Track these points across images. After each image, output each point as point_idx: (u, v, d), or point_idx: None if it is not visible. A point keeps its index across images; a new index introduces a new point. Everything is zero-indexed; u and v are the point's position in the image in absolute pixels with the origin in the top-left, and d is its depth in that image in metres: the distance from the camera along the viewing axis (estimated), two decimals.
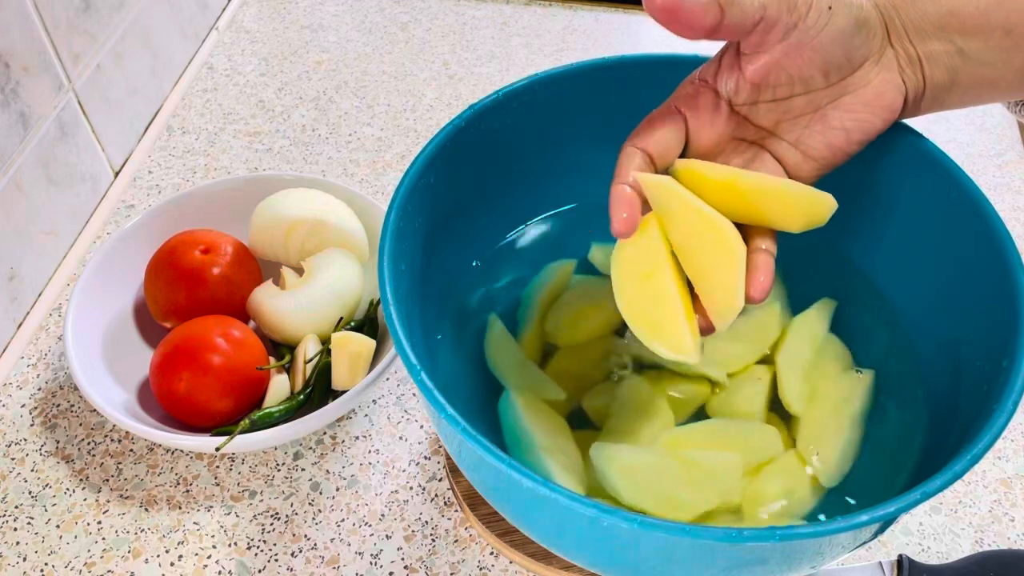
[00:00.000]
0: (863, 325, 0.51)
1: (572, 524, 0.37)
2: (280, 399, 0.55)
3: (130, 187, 0.75)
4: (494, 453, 0.34)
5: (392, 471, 0.56)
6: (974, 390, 0.41)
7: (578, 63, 0.50)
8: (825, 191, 0.42)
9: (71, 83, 0.67)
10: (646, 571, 0.39)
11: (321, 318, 0.58)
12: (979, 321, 0.43)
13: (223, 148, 0.79)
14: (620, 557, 0.38)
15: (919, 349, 0.48)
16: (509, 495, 0.39)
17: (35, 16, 0.62)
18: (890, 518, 0.34)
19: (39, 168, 0.64)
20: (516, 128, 0.51)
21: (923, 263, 0.48)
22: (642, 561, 0.38)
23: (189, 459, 0.57)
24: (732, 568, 0.37)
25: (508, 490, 0.39)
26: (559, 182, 0.55)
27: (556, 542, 0.41)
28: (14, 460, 0.57)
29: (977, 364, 0.42)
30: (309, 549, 0.52)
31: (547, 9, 0.96)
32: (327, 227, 0.61)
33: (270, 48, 0.90)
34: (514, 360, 0.50)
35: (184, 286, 0.57)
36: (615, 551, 0.38)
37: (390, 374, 0.61)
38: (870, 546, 0.52)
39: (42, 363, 0.62)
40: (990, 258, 0.42)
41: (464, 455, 0.40)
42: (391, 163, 0.78)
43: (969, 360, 0.43)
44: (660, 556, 0.37)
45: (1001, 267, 0.41)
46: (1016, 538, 0.53)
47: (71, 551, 0.52)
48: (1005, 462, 0.57)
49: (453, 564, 0.52)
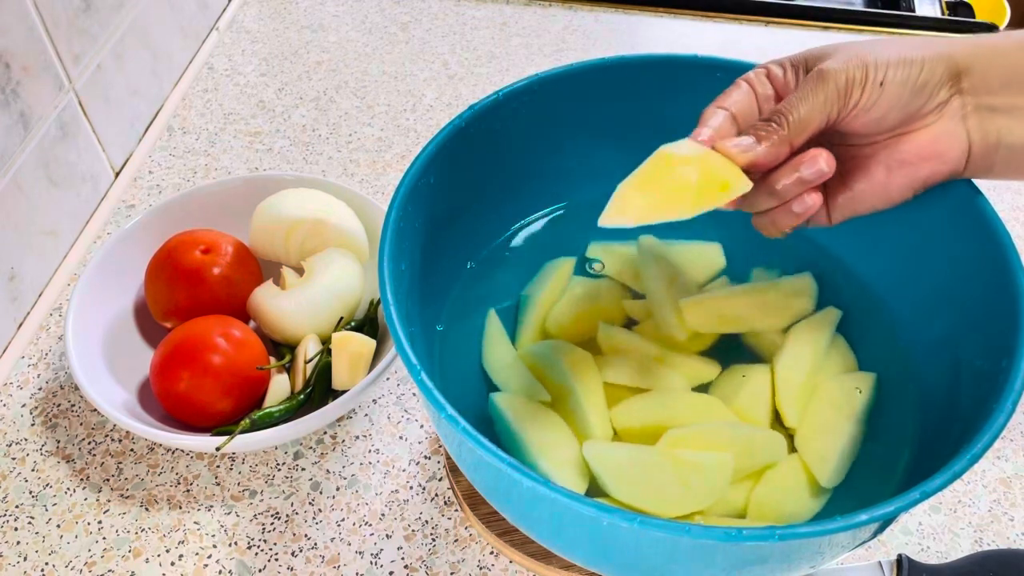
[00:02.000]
0: (862, 328, 0.51)
1: (572, 523, 0.37)
2: (280, 399, 0.55)
3: (130, 187, 0.75)
4: (494, 452, 0.34)
5: (392, 471, 0.56)
6: (973, 390, 0.41)
7: (577, 63, 0.51)
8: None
9: (71, 83, 0.67)
10: (646, 570, 0.39)
11: (321, 318, 0.58)
12: (978, 321, 0.43)
13: (223, 148, 0.79)
14: (620, 556, 0.38)
15: (918, 350, 0.48)
16: (509, 495, 0.40)
17: (35, 16, 0.62)
18: (889, 517, 0.34)
19: (40, 168, 0.64)
20: (515, 128, 0.51)
21: (921, 265, 0.48)
22: (642, 560, 0.38)
23: (189, 459, 0.57)
24: (732, 568, 0.37)
25: (508, 490, 0.39)
26: (557, 181, 0.55)
27: (556, 541, 0.41)
28: (15, 460, 0.57)
29: (976, 364, 0.42)
30: (309, 549, 0.53)
31: (547, 9, 0.96)
32: (327, 227, 0.61)
33: (270, 48, 0.90)
34: (506, 360, 0.50)
35: (184, 286, 0.57)
36: (616, 550, 0.38)
37: (390, 374, 0.61)
38: (869, 546, 0.52)
39: (43, 363, 0.62)
40: (989, 258, 0.42)
41: (464, 455, 0.40)
42: (391, 163, 0.78)
43: (968, 360, 0.43)
44: (661, 555, 0.37)
45: (1000, 267, 0.42)
46: (1016, 538, 0.53)
47: (72, 551, 0.52)
48: (1005, 462, 0.57)
49: (453, 564, 0.52)
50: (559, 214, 0.57)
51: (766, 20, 0.95)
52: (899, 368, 0.49)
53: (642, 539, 0.35)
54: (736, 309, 0.51)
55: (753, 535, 0.32)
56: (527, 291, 0.54)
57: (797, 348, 0.49)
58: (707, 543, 0.33)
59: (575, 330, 0.52)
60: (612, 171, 0.47)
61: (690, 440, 0.45)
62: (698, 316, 0.51)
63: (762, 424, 0.47)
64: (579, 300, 0.53)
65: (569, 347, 0.50)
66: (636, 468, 0.44)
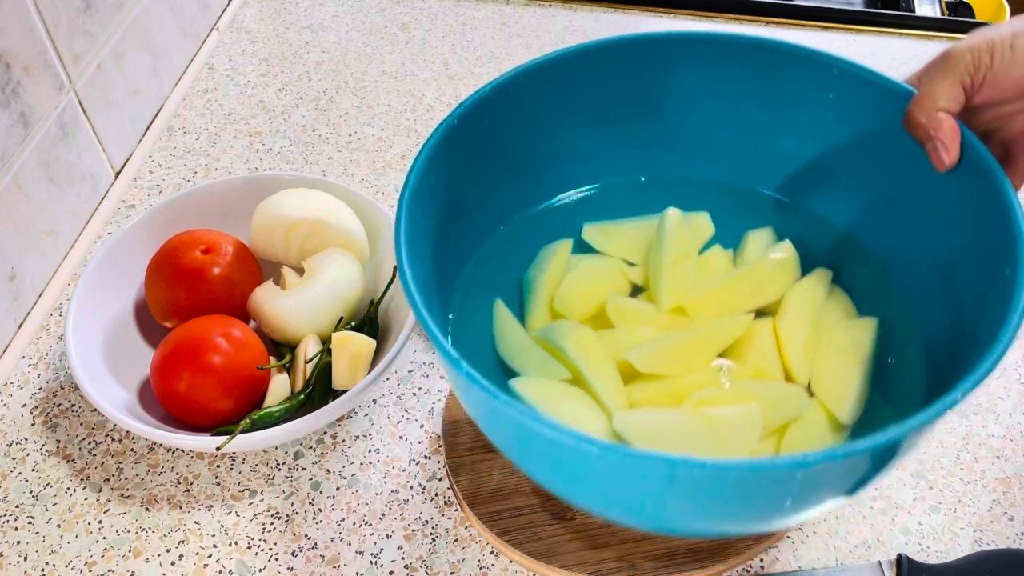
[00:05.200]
0: (856, 279, 0.53)
1: (634, 478, 0.38)
2: (280, 399, 0.55)
3: (131, 187, 0.75)
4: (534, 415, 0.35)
5: (392, 470, 0.56)
6: (976, 313, 0.43)
7: (554, 52, 0.52)
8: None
9: (72, 83, 0.67)
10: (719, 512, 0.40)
11: (321, 318, 0.58)
12: (971, 243, 0.45)
13: (224, 148, 0.79)
14: (687, 503, 0.39)
15: (915, 288, 0.50)
16: (550, 456, 0.40)
17: (36, 16, 0.62)
18: (922, 426, 0.35)
19: (40, 168, 0.64)
20: (506, 121, 0.52)
21: (904, 201, 0.50)
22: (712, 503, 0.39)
23: (190, 458, 0.57)
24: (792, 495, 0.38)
25: (552, 449, 0.39)
26: (551, 171, 0.56)
27: (601, 497, 0.42)
28: (15, 460, 0.57)
29: (975, 286, 0.44)
30: (309, 548, 0.53)
31: (547, 9, 0.96)
32: (327, 227, 0.61)
33: (270, 48, 0.90)
34: (520, 344, 0.51)
35: (185, 286, 0.58)
36: (683, 498, 0.39)
37: (390, 374, 0.62)
38: (869, 546, 0.53)
39: (43, 363, 0.62)
40: (973, 174, 0.44)
41: (495, 419, 0.41)
42: (391, 163, 0.78)
43: (967, 283, 0.45)
44: (734, 493, 0.38)
45: (986, 180, 0.43)
46: (1015, 538, 0.53)
47: (72, 550, 0.52)
48: (1005, 462, 0.57)
49: (453, 563, 0.52)
50: (554, 203, 0.57)
51: (766, 20, 0.95)
52: (900, 308, 0.50)
53: (711, 481, 0.36)
54: (729, 296, 0.52)
55: (820, 456, 0.33)
56: (529, 275, 0.54)
57: (796, 306, 0.51)
58: (779, 472, 0.34)
59: (583, 305, 0.52)
60: (603, 155, 0.48)
61: (715, 400, 0.47)
62: (695, 306, 0.52)
63: (778, 380, 0.49)
64: (582, 276, 0.53)
65: (577, 327, 0.51)
66: (669, 431, 0.45)
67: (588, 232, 0.56)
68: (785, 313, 0.51)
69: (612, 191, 0.57)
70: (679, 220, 0.54)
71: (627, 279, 0.54)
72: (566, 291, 0.53)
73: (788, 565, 0.52)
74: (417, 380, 0.61)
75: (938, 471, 0.56)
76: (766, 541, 0.52)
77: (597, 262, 0.55)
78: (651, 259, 0.54)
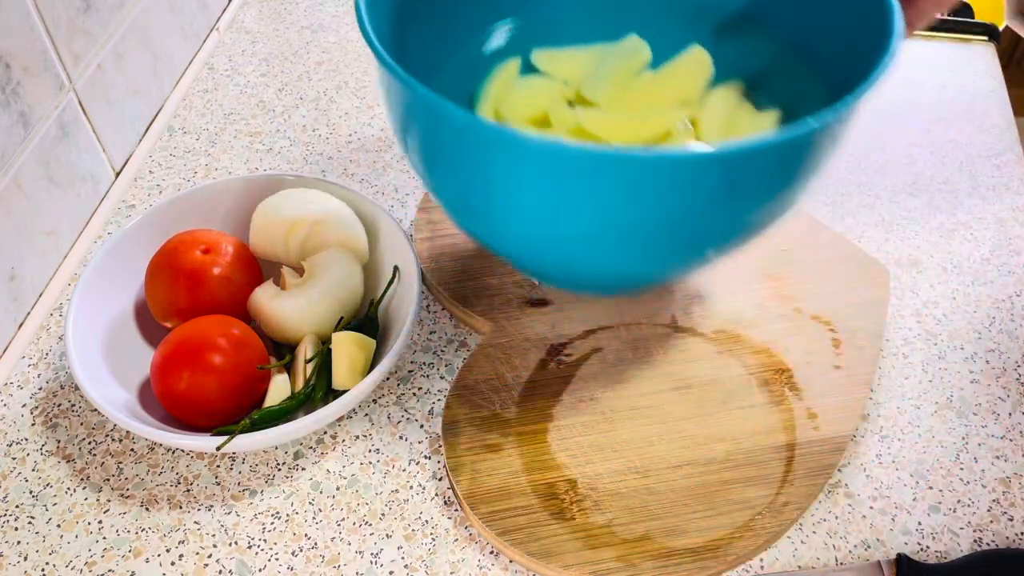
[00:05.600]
0: (774, 83, 0.59)
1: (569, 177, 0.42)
2: (280, 399, 0.55)
3: (131, 187, 0.75)
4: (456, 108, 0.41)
5: (392, 470, 0.56)
6: (864, 45, 0.47)
7: None
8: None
9: (72, 83, 0.67)
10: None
11: (321, 318, 0.58)
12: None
13: (224, 148, 0.79)
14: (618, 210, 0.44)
15: (806, 51, 0.56)
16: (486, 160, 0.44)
17: (36, 16, 0.62)
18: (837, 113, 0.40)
19: (40, 168, 0.64)
20: None
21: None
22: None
23: (190, 458, 0.57)
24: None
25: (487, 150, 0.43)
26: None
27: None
28: (15, 460, 0.57)
29: (857, 32, 0.49)
30: (309, 548, 0.53)
31: None
32: (327, 227, 0.61)
33: (270, 48, 0.90)
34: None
35: (185, 286, 0.58)
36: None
37: (390, 374, 0.62)
38: (869, 546, 0.53)
39: (43, 363, 0.62)
40: None
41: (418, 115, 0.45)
42: (391, 163, 0.78)
43: (853, 31, 0.49)
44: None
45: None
46: (1015, 538, 0.53)
47: (72, 550, 0.52)
48: (1004, 462, 0.57)
49: (453, 564, 0.52)
50: (505, 27, 0.63)
51: None
52: (797, 73, 0.56)
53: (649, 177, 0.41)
54: (655, 90, 0.60)
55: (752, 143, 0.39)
56: (479, 88, 0.61)
57: (712, 106, 0.59)
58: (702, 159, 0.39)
59: (528, 113, 0.60)
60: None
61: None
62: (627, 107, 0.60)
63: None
64: (527, 89, 0.61)
65: (522, 125, 0.58)
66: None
67: (536, 56, 0.63)
68: (704, 112, 0.58)
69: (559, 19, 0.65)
70: (620, 46, 0.62)
71: (566, 96, 0.62)
72: (511, 102, 0.60)
73: (788, 565, 0.52)
74: (417, 380, 0.61)
75: (938, 471, 0.56)
76: (766, 541, 0.52)
77: (540, 80, 0.62)
78: (590, 75, 0.62)
